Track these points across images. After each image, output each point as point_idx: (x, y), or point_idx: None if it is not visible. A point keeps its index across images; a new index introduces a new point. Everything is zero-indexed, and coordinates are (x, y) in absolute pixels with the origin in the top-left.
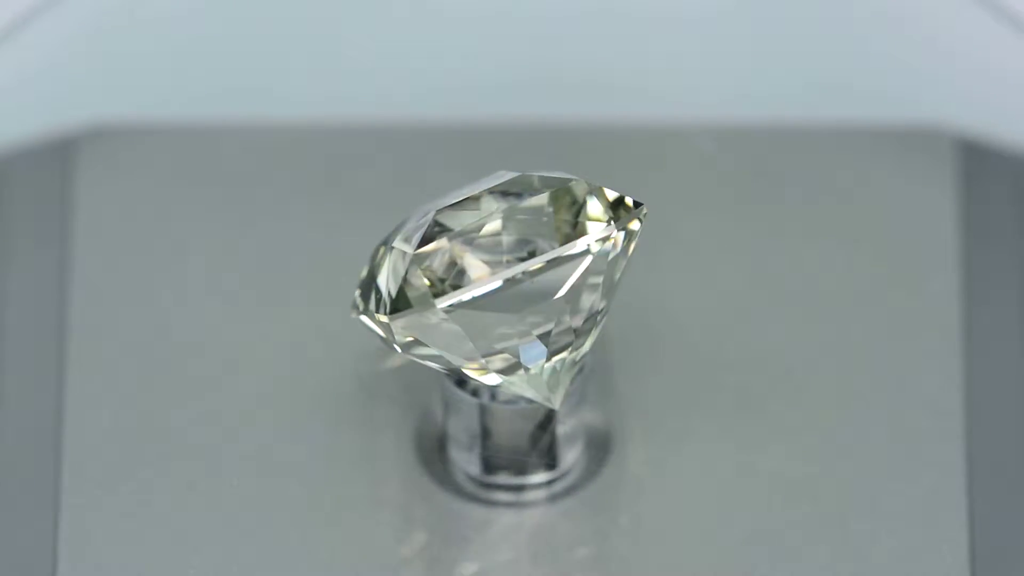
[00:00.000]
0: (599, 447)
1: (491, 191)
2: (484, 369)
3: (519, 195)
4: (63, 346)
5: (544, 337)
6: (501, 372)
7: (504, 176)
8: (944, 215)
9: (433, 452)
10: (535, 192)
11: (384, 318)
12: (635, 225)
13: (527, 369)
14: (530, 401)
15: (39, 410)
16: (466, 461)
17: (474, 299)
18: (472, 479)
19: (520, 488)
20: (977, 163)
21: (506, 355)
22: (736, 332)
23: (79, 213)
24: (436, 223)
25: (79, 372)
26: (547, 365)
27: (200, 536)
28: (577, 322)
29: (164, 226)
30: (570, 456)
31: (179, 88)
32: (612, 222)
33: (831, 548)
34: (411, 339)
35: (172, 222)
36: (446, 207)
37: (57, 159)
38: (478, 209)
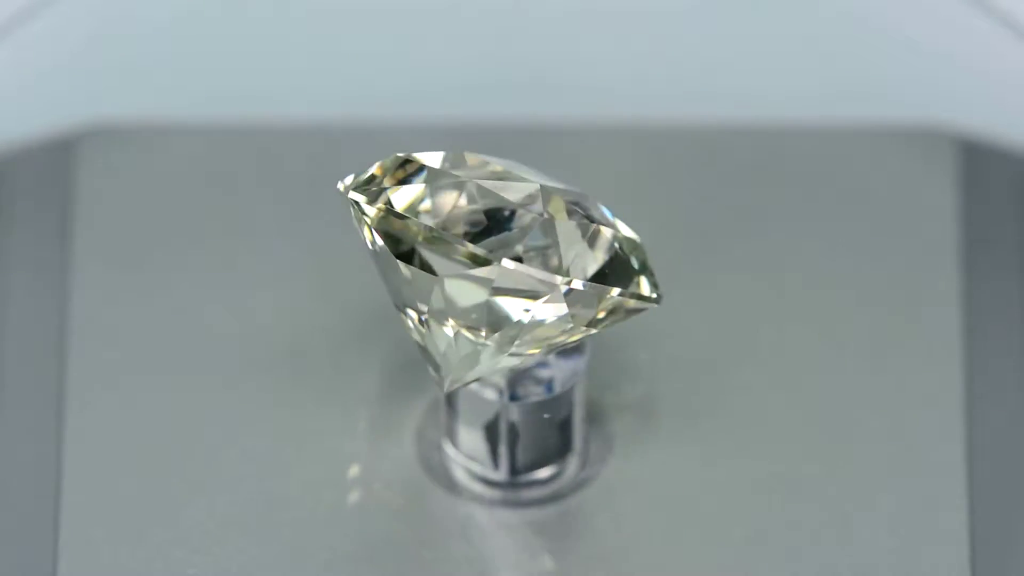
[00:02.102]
0: (598, 447)
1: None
2: (403, 308)
3: (580, 211)
4: (63, 346)
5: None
6: (414, 323)
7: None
8: (944, 215)
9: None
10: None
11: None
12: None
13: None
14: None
15: (39, 410)
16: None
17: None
18: (452, 459)
19: (481, 481)
20: (977, 163)
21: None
22: (736, 332)
23: (79, 213)
24: (453, 159)
25: (79, 372)
26: (447, 345)
27: (200, 536)
28: (476, 327)
29: (164, 226)
30: (552, 457)
31: (178, 88)
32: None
33: (831, 548)
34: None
35: (172, 222)
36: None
37: (57, 159)
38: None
